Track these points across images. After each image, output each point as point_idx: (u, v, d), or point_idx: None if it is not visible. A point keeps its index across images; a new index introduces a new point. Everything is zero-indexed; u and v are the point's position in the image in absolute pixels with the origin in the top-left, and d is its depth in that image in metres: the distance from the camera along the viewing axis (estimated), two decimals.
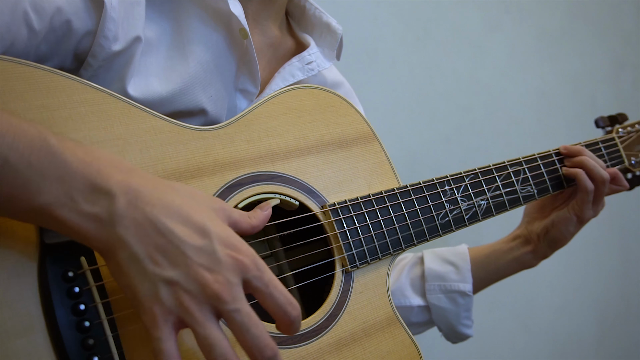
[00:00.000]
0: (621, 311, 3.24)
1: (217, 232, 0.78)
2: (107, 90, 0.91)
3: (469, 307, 1.44)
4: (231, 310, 0.75)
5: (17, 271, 0.77)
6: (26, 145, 0.72)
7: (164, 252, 0.75)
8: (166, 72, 1.03)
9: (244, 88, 1.14)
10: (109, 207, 0.74)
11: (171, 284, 0.74)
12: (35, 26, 0.90)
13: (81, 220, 0.74)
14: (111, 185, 0.75)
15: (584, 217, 1.37)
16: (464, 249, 1.46)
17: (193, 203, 0.79)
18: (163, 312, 0.74)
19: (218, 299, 0.75)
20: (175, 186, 0.81)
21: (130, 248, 0.74)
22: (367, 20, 2.19)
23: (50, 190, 0.73)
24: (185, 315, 0.74)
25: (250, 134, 1.05)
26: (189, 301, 0.74)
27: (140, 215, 0.75)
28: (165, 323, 0.74)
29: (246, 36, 1.09)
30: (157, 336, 0.74)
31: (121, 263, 0.75)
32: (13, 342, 0.75)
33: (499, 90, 2.66)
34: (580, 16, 3.02)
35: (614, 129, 1.57)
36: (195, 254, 0.76)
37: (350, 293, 1.07)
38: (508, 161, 1.33)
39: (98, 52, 0.97)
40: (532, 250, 1.41)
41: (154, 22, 1.04)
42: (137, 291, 0.75)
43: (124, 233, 0.74)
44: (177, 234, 0.76)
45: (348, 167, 1.15)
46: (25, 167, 0.71)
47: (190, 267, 0.75)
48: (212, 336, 0.75)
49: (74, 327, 0.79)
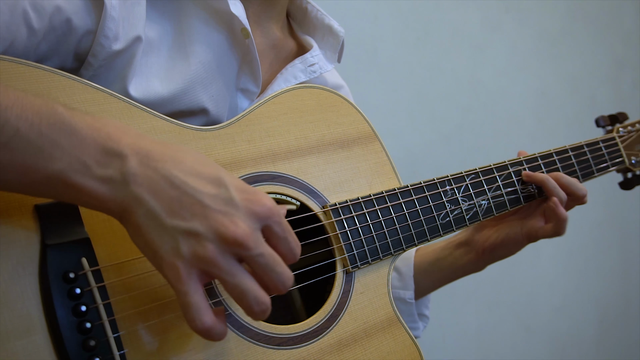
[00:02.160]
0: (621, 311, 3.24)
1: (231, 180, 0.78)
2: (108, 90, 0.91)
3: (411, 312, 1.44)
4: (256, 254, 0.75)
5: (18, 272, 0.77)
6: (35, 115, 0.72)
7: (180, 204, 0.74)
8: (167, 72, 1.03)
9: (246, 87, 1.14)
10: (122, 167, 0.74)
11: (191, 235, 0.74)
12: (35, 25, 0.90)
13: (95, 184, 0.74)
14: (122, 147, 0.75)
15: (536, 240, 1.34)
16: (410, 253, 1.45)
17: (204, 160, 0.79)
18: (186, 265, 0.73)
19: (241, 245, 0.74)
20: (185, 148, 0.81)
21: (147, 204, 0.74)
22: (367, 20, 2.19)
23: (62, 157, 0.73)
24: (209, 266, 0.74)
25: (251, 134, 1.05)
26: (212, 251, 0.73)
27: (152, 172, 0.75)
28: (190, 276, 0.74)
29: (248, 36, 1.09)
30: (183, 290, 0.73)
31: (139, 222, 0.74)
32: (14, 343, 0.75)
33: (499, 90, 2.66)
34: (580, 16, 3.02)
35: (615, 128, 1.57)
36: (213, 201, 0.75)
37: (351, 293, 1.07)
38: (509, 161, 1.32)
39: (98, 51, 0.97)
40: (475, 260, 1.38)
41: (155, 22, 1.04)
42: (158, 247, 0.74)
43: (138, 191, 0.74)
44: (191, 185, 0.75)
45: (349, 167, 1.15)
46: (36, 136, 0.72)
47: (208, 215, 0.74)
48: (242, 283, 0.75)
49: (75, 328, 0.78)
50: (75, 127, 0.74)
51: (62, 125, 0.73)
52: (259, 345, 0.94)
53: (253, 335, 0.93)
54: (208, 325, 0.75)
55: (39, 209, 0.80)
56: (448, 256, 1.40)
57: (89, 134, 0.74)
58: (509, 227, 1.34)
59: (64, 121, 0.73)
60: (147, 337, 0.84)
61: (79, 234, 0.82)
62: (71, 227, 0.82)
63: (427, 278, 1.42)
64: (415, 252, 1.45)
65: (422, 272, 1.42)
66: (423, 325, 1.46)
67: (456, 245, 1.40)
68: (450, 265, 1.40)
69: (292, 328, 0.99)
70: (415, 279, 1.42)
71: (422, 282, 1.42)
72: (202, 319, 0.74)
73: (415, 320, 1.44)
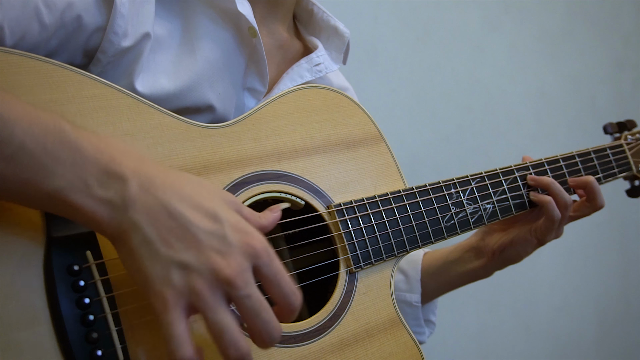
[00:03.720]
0: (621, 311, 3.25)
1: (228, 217, 0.78)
2: (116, 86, 0.92)
3: (417, 316, 1.43)
4: (243, 295, 0.75)
5: (23, 263, 0.78)
6: (41, 131, 0.72)
7: (176, 235, 0.75)
8: (174, 69, 1.04)
9: (252, 87, 1.14)
10: (122, 191, 0.74)
11: (183, 267, 0.74)
12: (46, 21, 0.91)
13: (94, 205, 0.74)
14: (124, 171, 0.75)
15: (545, 241, 1.33)
16: (418, 256, 1.45)
17: (203, 191, 0.79)
18: (174, 295, 0.73)
19: (230, 284, 0.74)
20: (186, 175, 0.81)
21: (143, 231, 0.74)
22: (367, 20, 2.19)
23: (64, 175, 0.73)
24: (196, 299, 0.74)
25: (257, 132, 1.05)
26: (201, 285, 0.74)
27: (152, 200, 0.75)
28: (176, 307, 0.74)
29: (255, 35, 1.09)
30: (168, 321, 0.73)
31: (133, 247, 0.75)
32: (17, 333, 0.75)
33: (499, 90, 2.66)
34: (580, 16, 3.02)
35: (622, 136, 1.56)
36: (207, 237, 0.75)
37: (353, 293, 1.07)
38: (515, 165, 1.32)
39: (107, 47, 0.97)
40: (484, 265, 1.37)
41: (163, 19, 1.04)
42: (149, 274, 0.74)
43: (136, 217, 0.74)
44: (188, 218, 0.75)
45: (354, 167, 1.15)
46: (40, 152, 0.72)
47: (202, 251, 0.75)
48: (223, 322, 0.74)
49: (79, 320, 0.79)
50: (80, 146, 0.74)
51: (67, 143, 0.74)
52: None
53: None
54: (187, 358, 0.74)
55: None
56: (457, 260, 1.40)
57: (92, 154, 0.75)
58: (518, 229, 1.34)
59: (70, 139, 0.74)
60: (149, 331, 0.84)
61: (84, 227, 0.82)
62: None
63: (435, 282, 1.42)
64: (423, 255, 1.45)
65: (430, 276, 1.42)
66: (429, 331, 1.46)
67: (465, 249, 1.40)
68: (458, 269, 1.40)
69: (293, 326, 0.99)
70: (423, 282, 1.42)
71: (429, 285, 1.42)
72: (183, 351, 0.74)
73: (421, 325, 1.44)
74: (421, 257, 1.45)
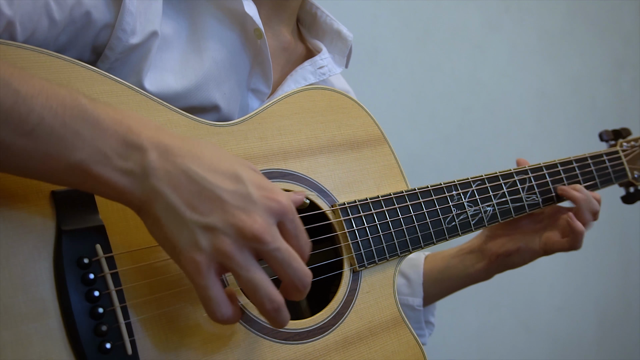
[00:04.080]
0: (621, 311, 3.25)
1: (249, 176, 0.79)
2: (126, 83, 0.92)
3: (418, 319, 1.44)
4: (272, 249, 0.76)
5: (34, 256, 0.78)
6: (59, 104, 0.73)
7: (199, 198, 0.76)
8: (181, 68, 1.04)
9: (257, 88, 1.15)
10: (142, 161, 0.75)
11: (210, 229, 0.75)
12: (56, 17, 0.91)
13: (115, 176, 0.75)
14: (142, 141, 0.76)
15: (551, 254, 1.36)
16: (420, 260, 1.46)
17: (223, 155, 0.80)
18: (205, 259, 0.75)
19: (258, 240, 0.75)
20: (204, 142, 0.82)
21: (166, 198, 0.75)
22: (367, 20, 2.19)
23: (84, 147, 0.73)
24: (226, 260, 0.75)
25: (264, 131, 1.06)
26: (229, 245, 0.75)
27: (172, 167, 0.76)
28: (209, 269, 0.75)
29: (260, 36, 1.10)
30: (202, 284, 0.75)
31: (158, 215, 0.76)
32: (27, 325, 0.75)
33: (499, 90, 2.66)
34: (580, 16, 3.03)
35: (618, 143, 1.58)
36: (231, 197, 0.76)
37: (357, 292, 1.08)
38: (514, 169, 1.34)
39: (116, 44, 0.98)
40: (486, 268, 1.39)
41: (171, 19, 1.05)
42: (176, 241, 0.75)
43: (158, 184, 0.75)
44: (210, 180, 0.76)
45: (358, 168, 1.16)
46: (59, 126, 0.72)
47: (227, 210, 0.76)
48: (255, 278, 0.76)
49: (88, 313, 0.79)
50: (98, 118, 0.75)
51: (85, 115, 0.74)
52: (266, 339, 0.94)
53: (261, 329, 0.94)
54: (227, 317, 0.78)
55: (55, 195, 0.81)
56: (459, 263, 1.41)
57: (111, 126, 0.75)
58: (524, 237, 1.36)
59: (87, 112, 0.74)
60: (158, 325, 0.85)
61: (94, 221, 0.83)
62: (86, 214, 0.83)
63: (437, 285, 1.43)
64: (425, 259, 1.46)
65: (432, 280, 1.43)
66: (429, 332, 1.47)
67: (467, 252, 1.41)
68: (460, 273, 1.41)
69: (299, 323, 0.99)
70: (425, 286, 1.43)
71: (431, 289, 1.43)
72: (223, 312, 0.77)
73: (422, 328, 1.45)
74: (423, 260, 1.46)
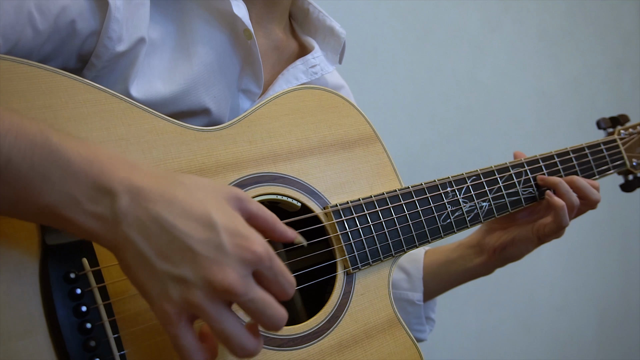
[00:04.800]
0: (621, 311, 3.24)
1: (222, 222, 0.75)
2: (110, 91, 0.91)
3: (418, 314, 1.43)
4: (245, 301, 0.75)
5: (19, 272, 0.77)
6: (28, 145, 0.71)
7: (170, 248, 0.73)
8: (170, 73, 1.03)
9: (247, 88, 1.14)
10: (112, 206, 0.73)
11: (180, 281, 0.73)
12: (40, 26, 0.90)
13: (86, 220, 0.73)
14: (113, 184, 0.74)
15: (546, 240, 1.34)
16: (419, 255, 1.45)
17: (199, 195, 0.77)
18: (175, 309, 0.73)
19: (230, 293, 0.73)
20: (180, 178, 0.79)
21: (136, 247, 0.73)
22: (367, 20, 2.19)
23: (52, 191, 0.72)
24: (197, 312, 0.74)
25: (253, 134, 1.05)
26: (200, 298, 0.73)
27: (142, 213, 0.74)
28: (180, 319, 0.74)
29: (250, 37, 1.09)
30: (174, 333, 0.74)
31: (129, 262, 0.74)
32: (15, 343, 0.75)
33: (499, 90, 2.66)
34: (580, 16, 3.02)
35: (616, 130, 1.56)
36: (202, 247, 0.74)
37: (351, 295, 1.07)
38: (510, 162, 1.32)
39: (102, 52, 0.96)
40: (485, 263, 1.38)
41: (158, 23, 1.04)
42: (147, 289, 0.74)
43: (128, 232, 0.73)
44: (180, 229, 0.74)
45: (350, 168, 1.15)
46: (28, 168, 0.71)
47: (197, 262, 0.73)
48: (228, 329, 0.75)
49: (76, 328, 0.78)
50: (69, 160, 0.73)
51: (54, 157, 0.72)
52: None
53: None
54: None
55: None
56: (458, 258, 1.40)
57: (82, 168, 0.73)
58: (519, 228, 1.35)
59: (58, 153, 0.73)
60: (147, 338, 0.84)
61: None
62: None
63: (437, 280, 1.42)
64: (425, 253, 1.46)
65: (432, 274, 1.42)
66: (430, 328, 1.46)
67: (466, 247, 1.40)
68: (460, 267, 1.40)
69: (292, 329, 0.99)
70: (425, 280, 1.42)
71: (431, 283, 1.42)
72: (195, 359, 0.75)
73: (423, 324, 1.44)
74: (423, 255, 1.45)
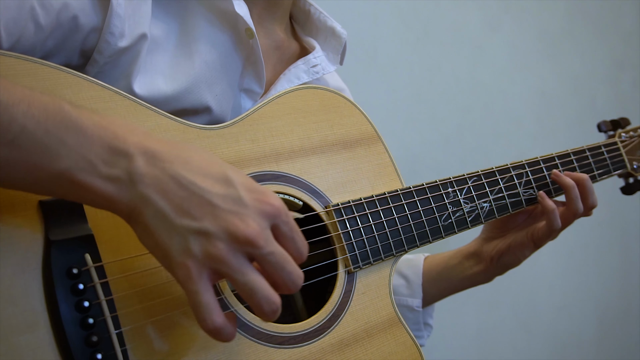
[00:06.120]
0: (621, 311, 3.24)
1: (239, 179, 0.77)
2: (113, 88, 0.91)
3: (417, 320, 1.44)
4: (266, 253, 0.75)
5: (22, 267, 0.77)
6: (42, 112, 0.71)
7: (189, 204, 0.74)
8: (172, 71, 1.04)
9: (249, 88, 1.14)
10: (128, 167, 0.74)
11: (202, 234, 0.73)
12: (42, 22, 0.90)
13: (102, 184, 0.73)
14: (128, 147, 0.74)
15: (541, 245, 1.34)
16: (419, 261, 1.45)
17: (211, 159, 0.79)
18: (196, 264, 0.73)
19: (252, 244, 0.74)
20: (192, 146, 0.80)
21: (155, 204, 0.73)
22: (367, 20, 2.19)
23: (69, 155, 0.72)
24: (220, 265, 0.74)
25: (255, 133, 1.05)
26: (223, 250, 0.73)
27: (160, 172, 0.74)
28: (201, 275, 0.73)
29: (252, 36, 1.09)
30: (193, 289, 0.73)
31: (148, 222, 0.74)
32: (17, 338, 0.75)
33: (499, 90, 2.66)
34: (580, 16, 3.02)
35: (617, 133, 1.56)
36: (222, 201, 0.75)
37: (352, 294, 1.07)
38: (511, 164, 1.32)
39: (104, 48, 0.97)
40: (484, 271, 1.38)
41: (160, 20, 1.04)
42: (167, 247, 0.74)
43: (146, 191, 0.73)
44: (199, 185, 0.75)
45: (352, 167, 1.15)
46: (42, 134, 0.71)
47: (218, 215, 0.74)
48: (251, 281, 0.75)
49: (78, 323, 0.78)
50: (82, 125, 0.73)
51: (68, 123, 0.72)
52: (261, 344, 0.94)
53: (255, 334, 0.93)
54: (218, 325, 0.75)
55: (43, 205, 0.80)
56: (457, 265, 1.41)
57: (96, 133, 0.74)
58: (515, 234, 1.35)
59: (71, 119, 0.73)
60: (150, 334, 0.84)
61: (83, 230, 0.82)
62: (75, 223, 0.82)
63: (436, 286, 1.42)
64: (424, 260, 1.46)
65: (431, 280, 1.42)
66: (427, 334, 1.47)
67: (465, 255, 1.41)
68: (459, 275, 1.40)
69: (293, 327, 0.99)
70: (424, 287, 1.42)
71: (430, 290, 1.43)
72: (213, 319, 0.74)
73: (421, 329, 1.45)
74: (422, 261, 1.45)
